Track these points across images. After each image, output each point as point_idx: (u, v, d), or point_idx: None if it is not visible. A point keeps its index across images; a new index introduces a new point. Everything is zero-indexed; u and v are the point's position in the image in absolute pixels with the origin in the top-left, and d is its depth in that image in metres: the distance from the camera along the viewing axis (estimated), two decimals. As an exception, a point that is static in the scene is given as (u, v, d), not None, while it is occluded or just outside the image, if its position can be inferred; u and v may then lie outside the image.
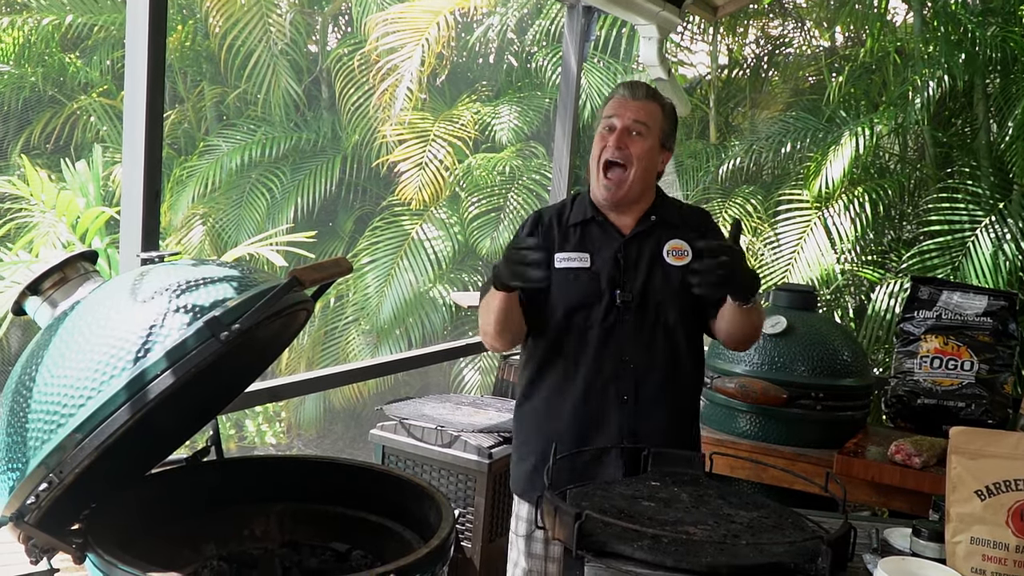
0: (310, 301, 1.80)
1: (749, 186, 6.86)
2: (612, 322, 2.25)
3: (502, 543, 3.11)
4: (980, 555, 1.62)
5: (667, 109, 2.35)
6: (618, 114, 2.29)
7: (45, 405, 1.48)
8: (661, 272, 2.28)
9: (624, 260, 2.28)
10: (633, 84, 2.36)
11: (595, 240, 2.32)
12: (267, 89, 8.59)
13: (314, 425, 8.99)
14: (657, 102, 2.32)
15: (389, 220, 8.40)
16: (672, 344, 2.28)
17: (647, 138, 2.28)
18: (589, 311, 2.26)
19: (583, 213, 2.34)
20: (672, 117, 2.36)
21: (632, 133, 2.27)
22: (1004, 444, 1.66)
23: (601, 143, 2.30)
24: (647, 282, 2.27)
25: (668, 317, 2.27)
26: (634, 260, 2.29)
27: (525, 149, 8.31)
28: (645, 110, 2.29)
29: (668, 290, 2.27)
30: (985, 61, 5.68)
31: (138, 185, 2.25)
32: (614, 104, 2.32)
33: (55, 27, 8.80)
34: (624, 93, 2.32)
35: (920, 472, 2.86)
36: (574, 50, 4.32)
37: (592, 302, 2.26)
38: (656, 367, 2.27)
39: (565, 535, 1.70)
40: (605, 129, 2.31)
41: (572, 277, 2.27)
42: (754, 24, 8.02)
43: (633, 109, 2.28)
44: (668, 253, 2.29)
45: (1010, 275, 5.24)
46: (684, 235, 2.32)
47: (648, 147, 2.28)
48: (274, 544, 2.03)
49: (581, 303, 2.26)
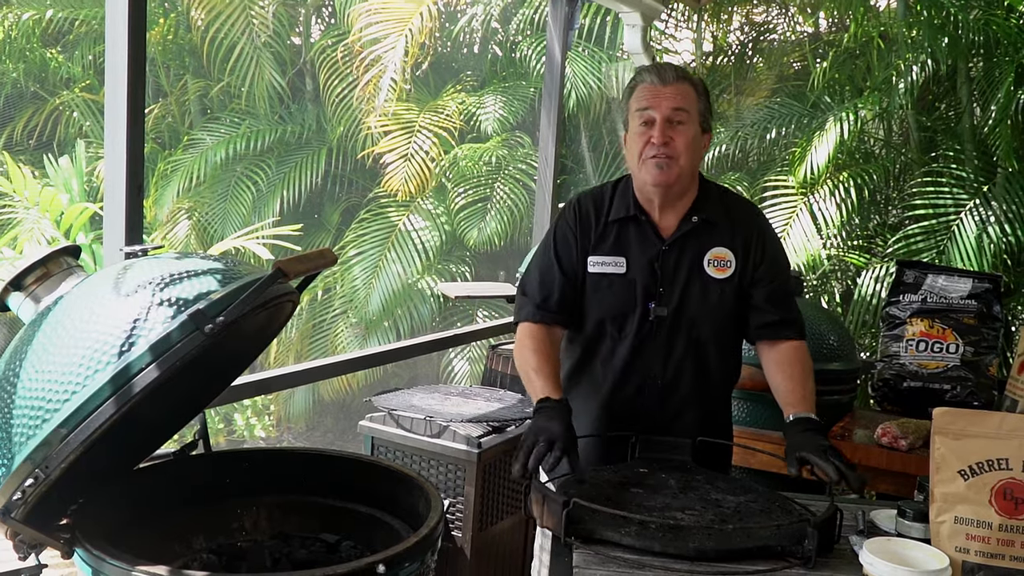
0: (295, 293, 1.79)
1: (735, 173, 6.87)
2: (643, 337, 2.16)
3: (492, 532, 3.12)
4: (964, 534, 1.63)
5: (700, 87, 2.16)
6: (653, 105, 2.08)
7: (30, 401, 1.47)
8: (700, 284, 2.16)
9: (661, 270, 2.16)
10: (660, 68, 2.14)
11: (632, 242, 2.18)
12: (251, 82, 8.54)
13: (303, 418, 8.98)
14: (689, 82, 2.13)
15: (376, 212, 8.38)
16: (702, 360, 2.20)
17: (689, 125, 2.10)
18: (622, 322, 2.17)
19: (625, 208, 2.19)
20: (706, 95, 2.18)
21: (674, 123, 2.09)
22: (987, 424, 1.67)
23: (642, 139, 2.10)
24: (684, 295, 2.15)
25: (701, 333, 2.17)
26: (672, 270, 2.16)
27: (511, 139, 8.30)
28: (681, 94, 2.09)
29: (706, 305, 2.16)
30: (968, 45, 5.69)
31: (121, 179, 2.24)
32: (645, 94, 2.10)
33: (36, 22, 8.73)
34: (652, 80, 2.11)
35: (907, 454, 2.88)
36: (558, 39, 4.32)
37: (626, 312, 2.16)
38: (683, 382, 2.19)
39: (553, 523, 1.71)
40: (642, 124, 2.10)
41: (606, 284, 2.17)
42: (738, 11, 8.02)
43: (668, 96, 2.08)
44: (709, 263, 2.17)
45: (994, 258, 5.27)
46: (729, 239, 2.19)
47: (693, 135, 2.11)
48: (263, 536, 2.04)
49: (614, 313, 2.17)
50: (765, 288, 2.20)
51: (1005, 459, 1.64)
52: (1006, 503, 1.62)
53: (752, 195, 6.46)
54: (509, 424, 3.17)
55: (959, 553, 1.63)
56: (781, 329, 2.20)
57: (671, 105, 2.08)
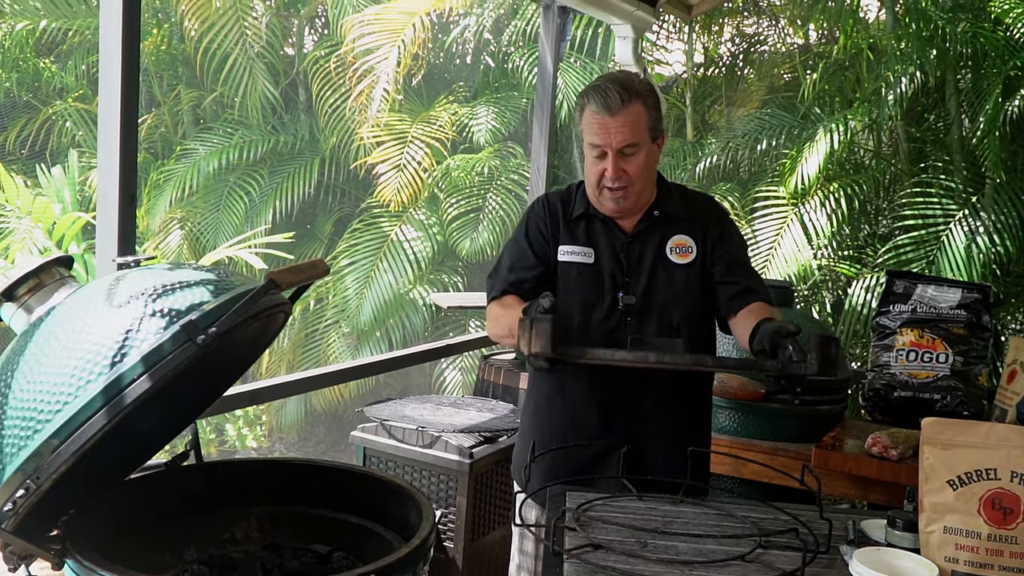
0: (288, 303, 1.80)
1: (726, 183, 6.89)
2: (613, 326, 2.20)
3: (484, 543, 3.12)
4: (953, 544, 1.64)
5: (649, 99, 2.15)
6: (604, 142, 2.11)
7: (21, 411, 1.47)
8: (664, 272, 2.21)
9: (627, 260, 2.22)
10: (605, 93, 2.10)
11: (599, 234, 2.24)
12: (244, 92, 8.54)
13: (295, 428, 8.96)
14: (635, 100, 2.12)
15: (368, 222, 8.38)
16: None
17: (640, 150, 2.14)
18: (590, 312, 2.21)
19: (585, 207, 2.26)
20: (654, 103, 2.16)
21: (626, 155, 2.12)
22: (975, 434, 1.68)
23: (596, 170, 2.15)
24: (650, 283, 2.20)
25: (672, 319, 2.21)
26: (636, 260, 2.22)
27: (503, 149, 8.31)
28: (628, 124, 2.10)
29: (671, 290, 2.21)
30: (956, 57, 5.74)
31: (114, 189, 2.24)
32: (594, 126, 2.12)
33: (29, 32, 8.71)
34: (598, 110, 2.11)
35: (897, 464, 2.89)
36: (550, 50, 4.34)
37: (594, 302, 2.21)
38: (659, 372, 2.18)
39: (542, 344, 1.83)
40: (595, 156, 2.15)
41: (575, 272, 2.22)
42: (729, 22, 8.06)
43: (617, 129, 2.10)
44: (671, 251, 2.22)
45: (984, 268, 5.30)
46: (690, 229, 2.24)
47: (644, 158, 2.15)
48: (255, 547, 2.03)
49: (583, 302, 2.21)
50: (724, 263, 2.25)
51: (993, 469, 1.65)
52: (995, 513, 1.63)
53: (743, 205, 6.49)
54: (501, 434, 3.17)
55: (948, 563, 1.64)
56: (746, 296, 2.21)
57: (621, 141, 2.11)
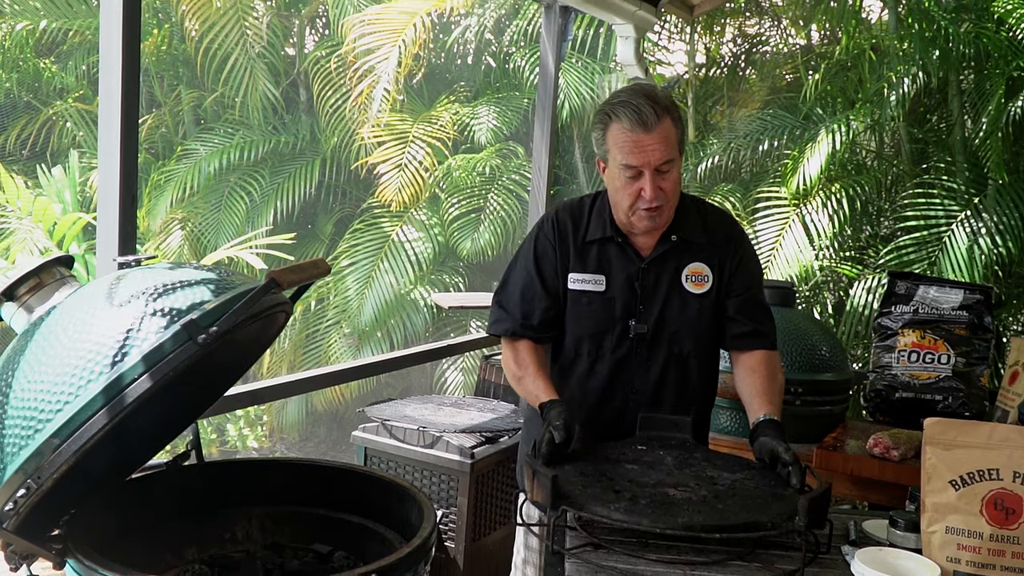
0: (289, 303, 1.80)
1: (728, 184, 6.88)
2: (624, 354, 2.18)
3: (486, 543, 3.11)
4: (955, 544, 1.64)
5: (676, 113, 2.09)
6: (641, 162, 2.02)
7: (22, 411, 1.47)
8: (679, 300, 2.18)
9: (641, 288, 2.17)
10: (640, 111, 2.01)
11: (612, 261, 2.18)
12: (245, 92, 8.54)
13: (296, 428, 8.96)
14: (669, 116, 2.05)
15: (369, 222, 8.38)
16: (684, 374, 2.21)
17: (674, 166, 2.07)
18: (601, 339, 2.18)
19: (602, 230, 2.19)
20: (678, 116, 2.11)
21: (660, 172, 2.05)
22: (977, 434, 1.68)
23: (630, 192, 2.06)
24: (663, 312, 2.17)
25: (683, 348, 2.19)
26: (651, 287, 2.17)
27: (504, 149, 8.32)
28: (664, 140, 2.02)
29: (684, 319, 2.18)
30: (959, 57, 5.73)
31: (114, 190, 2.24)
32: (628, 145, 2.02)
33: (29, 32, 8.71)
34: (631, 127, 2.01)
35: (899, 465, 2.89)
36: (552, 50, 4.34)
37: (604, 329, 2.17)
38: (666, 397, 2.20)
39: (543, 496, 1.70)
40: (628, 177, 2.05)
41: (585, 301, 2.18)
42: (731, 23, 8.05)
43: (654, 147, 2.01)
44: (687, 279, 2.18)
45: (985, 269, 5.29)
46: (707, 257, 2.20)
47: (677, 174, 2.09)
48: (256, 547, 2.03)
49: (591, 332, 2.18)
50: (738, 299, 2.22)
51: (996, 469, 1.64)
52: (997, 513, 1.63)
53: (745, 206, 6.48)
54: (502, 434, 3.17)
55: (950, 563, 1.64)
56: (753, 340, 2.22)
57: (659, 159, 2.03)
